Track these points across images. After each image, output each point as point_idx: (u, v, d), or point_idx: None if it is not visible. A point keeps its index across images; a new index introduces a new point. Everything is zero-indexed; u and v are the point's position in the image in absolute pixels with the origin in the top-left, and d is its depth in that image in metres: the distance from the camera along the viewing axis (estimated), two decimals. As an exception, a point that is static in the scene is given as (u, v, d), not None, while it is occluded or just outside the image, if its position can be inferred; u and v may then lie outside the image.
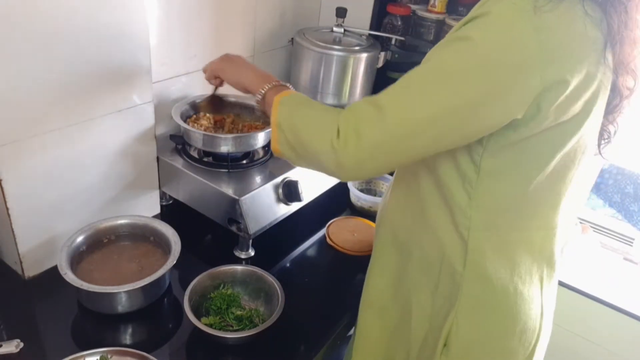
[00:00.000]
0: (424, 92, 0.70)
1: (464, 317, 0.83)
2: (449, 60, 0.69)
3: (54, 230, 1.05)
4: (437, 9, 1.58)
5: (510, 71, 0.66)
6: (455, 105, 0.69)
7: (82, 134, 1.02)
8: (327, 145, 0.74)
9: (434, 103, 0.69)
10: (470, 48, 0.67)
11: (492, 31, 0.67)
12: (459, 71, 0.68)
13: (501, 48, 0.66)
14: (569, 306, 1.63)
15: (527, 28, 0.64)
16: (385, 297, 0.94)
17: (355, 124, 0.72)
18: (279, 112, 0.82)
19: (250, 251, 1.19)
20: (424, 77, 0.71)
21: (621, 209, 1.95)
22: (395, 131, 0.71)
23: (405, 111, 0.71)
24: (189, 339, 0.96)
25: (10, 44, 0.85)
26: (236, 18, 1.39)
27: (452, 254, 0.82)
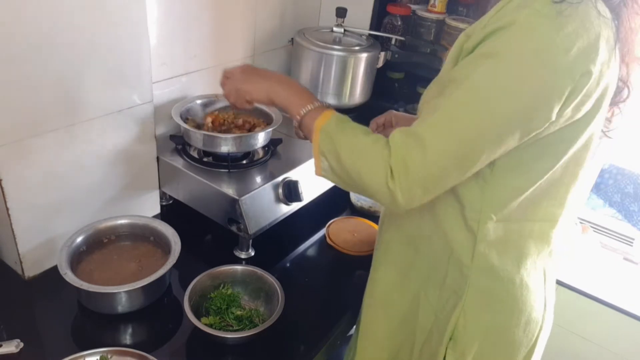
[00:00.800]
0: (461, 118, 0.70)
1: (471, 309, 0.84)
2: (481, 81, 0.69)
3: (54, 230, 1.05)
4: (437, 9, 1.58)
5: (544, 80, 0.67)
6: (494, 126, 0.69)
7: (82, 134, 1.02)
8: (382, 185, 0.74)
9: (473, 128, 0.69)
10: (501, 64, 0.68)
11: (520, 43, 0.67)
12: (494, 91, 0.68)
13: (531, 59, 0.66)
14: (569, 306, 1.63)
15: (554, 35, 0.65)
16: (392, 291, 0.94)
17: (405, 162, 0.72)
18: (321, 140, 0.81)
19: (250, 251, 1.19)
20: (459, 102, 0.71)
21: (621, 209, 1.95)
22: (440, 161, 0.71)
23: (445, 140, 0.71)
24: (189, 339, 0.96)
25: (10, 44, 0.85)
26: (236, 18, 1.39)
27: (460, 248, 0.83)
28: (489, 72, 0.68)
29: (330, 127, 0.81)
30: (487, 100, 0.69)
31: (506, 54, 0.67)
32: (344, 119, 0.83)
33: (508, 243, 0.82)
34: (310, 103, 0.86)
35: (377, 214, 1.39)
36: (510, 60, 0.67)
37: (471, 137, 0.70)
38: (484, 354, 0.87)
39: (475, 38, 0.72)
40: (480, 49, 0.71)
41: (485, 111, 0.69)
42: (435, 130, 0.72)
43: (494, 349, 0.87)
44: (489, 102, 0.68)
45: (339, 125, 0.81)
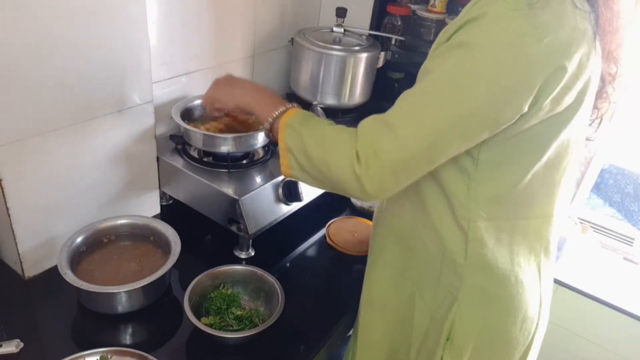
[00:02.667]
0: (432, 104, 0.70)
1: (467, 309, 0.84)
2: (452, 70, 0.69)
3: (54, 230, 1.05)
4: (437, 9, 1.58)
5: (516, 71, 0.67)
6: (465, 114, 0.69)
7: (82, 134, 1.02)
8: (349, 172, 0.74)
9: (444, 115, 0.70)
10: (472, 54, 0.68)
11: (491, 33, 0.67)
12: (465, 79, 0.68)
13: (503, 49, 0.66)
14: (569, 306, 1.63)
15: (525, 25, 0.65)
16: (388, 292, 0.94)
17: (373, 147, 0.72)
18: (286, 135, 0.81)
19: (250, 251, 1.19)
20: (430, 90, 0.71)
21: (621, 209, 1.95)
22: (411, 148, 0.71)
23: (416, 127, 0.71)
24: (189, 339, 0.96)
25: (10, 44, 0.85)
26: (236, 18, 1.39)
27: (453, 247, 0.82)
28: (459, 61, 0.69)
29: (295, 122, 0.81)
30: (456, 89, 0.69)
31: (477, 43, 0.68)
32: (309, 114, 0.84)
33: (501, 241, 0.81)
34: (282, 106, 0.86)
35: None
36: (480, 50, 0.67)
37: (440, 125, 0.70)
38: (481, 354, 0.87)
39: (449, 30, 0.73)
40: (453, 40, 0.71)
41: (454, 100, 0.69)
42: (406, 117, 0.72)
43: (492, 348, 0.87)
44: (458, 91, 0.69)
45: (304, 120, 0.82)
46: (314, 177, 0.80)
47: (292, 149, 0.80)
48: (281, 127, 0.82)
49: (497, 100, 0.68)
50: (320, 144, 0.78)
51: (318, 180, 0.81)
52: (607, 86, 0.79)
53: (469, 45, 0.68)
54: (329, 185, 0.81)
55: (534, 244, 0.84)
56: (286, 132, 0.81)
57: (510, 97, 0.68)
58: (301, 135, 0.80)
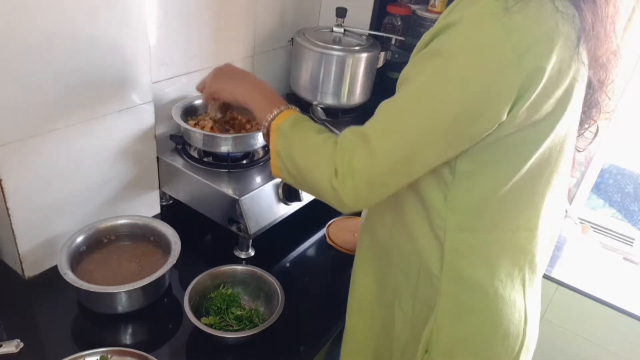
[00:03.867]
0: (407, 116, 0.69)
1: (444, 321, 0.81)
2: (426, 80, 0.68)
3: (54, 230, 1.05)
4: (437, 9, 1.58)
5: (491, 78, 0.65)
6: (441, 125, 0.67)
7: (82, 134, 1.02)
8: (327, 184, 0.74)
9: (419, 127, 0.68)
10: (447, 62, 0.66)
11: (465, 40, 0.66)
12: (439, 89, 0.67)
13: (477, 56, 0.65)
14: (569, 306, 1.63)
15: (499, 31, 0.64)
16: (370, 301, 0.93)
17: (349, 161, 0.72)
18: (277, 139, 0.81)
19: (250, 251, 1.19)
20: (405, 102, 0.70)
21: (621, 209, 1.95)
22: (386, 162, 0.70)
23: (391, 140, 0.70)
24: (189, 339, 0.96)
25: (10, 45, 0.85)
26: (236, 18, 1.39)
27: (429, 257, 0.80)
28: (435, 70, 0.67)
29: (286, 127, 0.81)
30: (432, 99, 0.67)
31: (451, 51, 0.66)
32: (301, 119, 0.84)
33: (480, 253, 0.79)
34: (277, 107, 0.86)
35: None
36: (455, 58, 0.66)
37: (416, 137, 0.68)
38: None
39: (428, 35, 0.72)
40: (430, 47, 0.69)
41: (430, 111, 0.67)
42: (381, 130, 0.71)
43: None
44: (435, 102, 0.67)
45: (294, 125, 0.82)
46: (298, 182, 0.81)
47: (281, 152, 0.81)
48: (273, 129, 0.83)
49: (474, 109, 0.66)
50: (305, 152, 0.78)
51: (302, 186, 0.82)
52: (598, 94, 0.76)
53: (444, 54, 0.67)
54: (311, 192, 0.81)
55: (518, 258, 0.80)
56: (277, 135, 0.82)
57: (487, 106, 0.66)
58: (289, 140, 0.80)
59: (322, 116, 1.47)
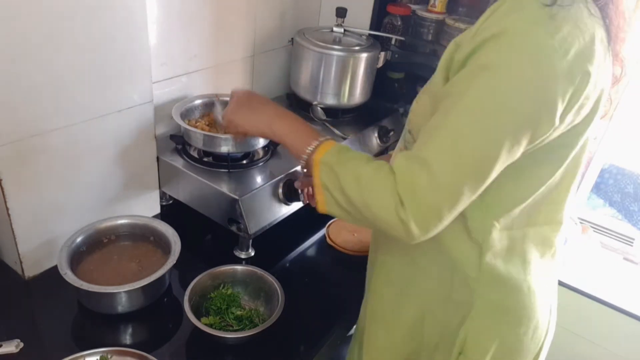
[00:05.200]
0: (465, 134, 0.68)
1: (481, 322, 0.83)
2: (481, 96, 0.67)
3: (54, 230, 1.05)
4: (437, 9, 1.58)
5: (545, 88, 0.65)
6: (501, 139, 0.67)
7: (82, 134, 1.02)
8: (393, 217, 0.70)
9: (479, 143, 0.67)
10: (499, 76, 0.65)
11: (516, 52, 0.65)
12: (495, 104, 0.66)
13: (530, 68, 0.65)
14: (569, 306, 1.63)
15: (549, 40, 0.64)
16: (392, 309, 0.92)
17: (412, 190, 0.69)
18: (322, 173, 0.78)
19: (250, 251, 1.19)
20: (459, 119, 0.68)
21: (621, 209, 1.95)
22: (450, 184, 0.68)
23: (452, 161, 0.68)
24: (189, 339, 0.96)
25: (10, 45, 0.85)
26: (236, 18, 1.39)
27: (465, 261, 0.81)
28: (487, 85, 0.66)
29: (330, 158, 0.78)
30: (489, 115, 0.66)
31: (502, 64, 0.65)
32: (344, 148, 0.80)
33: (513, 250, 0.80)
34: (313, 139, 0.82)
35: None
36: (508, 71, 0.65)
37: (478, 155, 0.68)
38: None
39: (466, 49, 0.70)
40: (474, 61, 0.68)
41: (489, 127, 0.67)
42: (440, 152, 0.69)
43: (503, 358, 0.86)
44: (492, 118, 0.66)
45: (339, 155, 0.78)
46: (352, 215, 0.77)
47: (328, 186, 0.77)
48: (315, 163, 0.79)
49: (531, 121, 0.66)
50: (359, 185, 0.74)
51: (355, 218, 0.78)
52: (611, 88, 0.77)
53: (494, 67, 0.66)
54: (367, 224, 0.78)
55: (544, 251, 0.83)
56: (321, 168, 0.78)
57: (542, 115, 0.66)
58: (337, 173, 0.76)
59: (322, 116, 1.47)
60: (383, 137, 1.55)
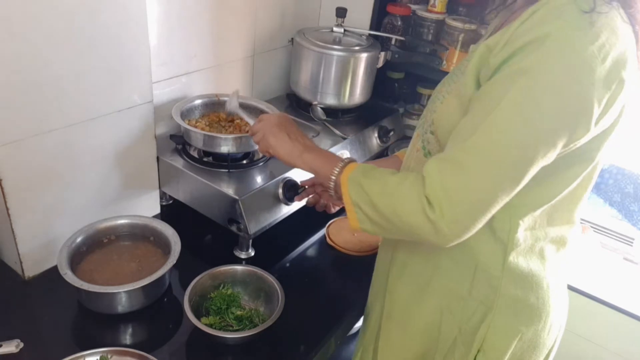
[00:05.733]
0: (501, 134, 0.68)
1: (502, 319, 0.83)
2: (520, 99, 0.67)
3: (54, 230, 1.05)
4: (437, 9, 1.58)
5: (584, 95, 0.66)
6: (537, 144, 0.67)
7: (82, 134, 1.02)
8: (421, 217, 0.71)
9: (517, 148, 0.68)
10: (539, 81, 0.66)
11: (557, 58, 0.65)
12: (534, 109, 0.66)
13: (570, 74, 0.65)
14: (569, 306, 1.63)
15: (589, 47, 0.64)
16: (410, 307, 0.92)
17: (443, 187, 0.69)
18: (350, 189, 0.80)
19: (250, 251, 1.19)
20: (496, 119, 0.68)
21: (621, 209, 1.95)
22: (484, 185, 0.69)
23: (487, 159, 0.68)
24: (189, 339, 0.96)
25: (10, 45, 0.85)
26: (236, 18, 1.39)
27: (489, 260, 0.82)
28: (527, 89, 0.66)
29: (357, 175, 0.80)
30: (527, 119, 0.67)
31: (542, 69, 0.65)
32: (368, 166, 0.83)
33: (534, 249, 0.82)
34: (339, 161, 0.86)
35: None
36: (547, 76, 0.65)
37: (515, 159, 0.68)
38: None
39: (503, 53, 0.70)
40: (513, 65, 0.68)
41: (527, 131, 0.67)
42: (476, 154, 0.69)
43: (521, 354, 0.87)
44: (530, 122, 0.67)
45: (365, 172, 0.80)
46: (384, 227, 0.78)
47: (358, 202, 0.78)
48: (343, 182, 0.81)
49: (568, 126, 0.67)
50: (387, 194, 0.75)
51: (389, 230, 0.79)
52: None
53: (533, 72, 0.66)
54: (400, 234, 0.78)
55: (560, 249, 0.85)
56: (349, 186, 0.80)
57: (579, 121, 0.67)
58: (365, 188, 0.78)
59: (322, 116, 1.47)
60: (383, 137, 1.55)
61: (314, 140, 1.06)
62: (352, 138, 1.43)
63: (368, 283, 1.06)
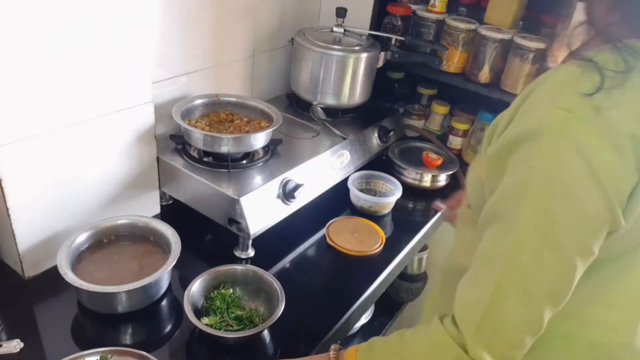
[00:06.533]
0: (531, 265, 0.62)
1: None
2: (533, 218, 0.61)
3: (54, 230, 1.05)
4: (437, 9, 1.58)
5: (605, 195, 0.58)
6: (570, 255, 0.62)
7: (82, 134, 1.02)
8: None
9: (549, 270, 0.62)
10: (546, 194, 0.59)
11: (559, 162, 0.58)
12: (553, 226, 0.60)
13: (581, 180, 0.58)
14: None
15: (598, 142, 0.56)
16: None
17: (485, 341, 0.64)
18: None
19: (250, 251, 1.19)
20: (520, 250, 0.62)
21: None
22: (529, 320, 0.64)
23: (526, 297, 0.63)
24: (189, 339, 0.96)
25: (10, 45, 0.85)
26: (236, 18, 1.39)
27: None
28: (538, 206, 0.60)
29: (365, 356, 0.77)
30: (549, 239, 0.61)
31: (548, 178, 0.59)
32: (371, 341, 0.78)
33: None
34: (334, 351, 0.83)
35: (377, 214, 1.39)
36: (553, 188, 0.59)
37: (552, 280, 0.63)
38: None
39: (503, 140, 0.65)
40: (513, 171, 0.63)
41: (554, 249, 0.61)
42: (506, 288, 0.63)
43: None
44: (553, 241, 0.60)
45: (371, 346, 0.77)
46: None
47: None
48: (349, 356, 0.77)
49: (596, 227, 0.61)
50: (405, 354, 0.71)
51: None
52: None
53: (538, 185, 0.60)
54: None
55: None
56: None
57: (606, 219, 0.60)
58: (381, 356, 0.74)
59: (322, 116, 1.47)
60: (383, 137, 1.55)
61: (313, 140, 1.06)
62: (352, 138, 1.43)
63: (368, 283, 1.06)
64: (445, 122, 1.77)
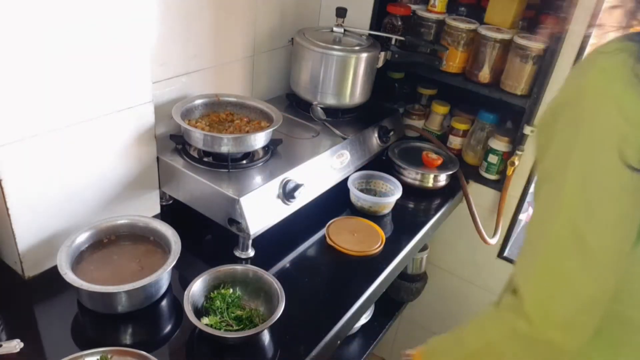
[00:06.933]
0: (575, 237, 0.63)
1: None
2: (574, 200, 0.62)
3: (54, 230, 1.05)
4: (437, 9, 1.58)
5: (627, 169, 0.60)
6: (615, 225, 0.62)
7: (82, 134, 1.02)
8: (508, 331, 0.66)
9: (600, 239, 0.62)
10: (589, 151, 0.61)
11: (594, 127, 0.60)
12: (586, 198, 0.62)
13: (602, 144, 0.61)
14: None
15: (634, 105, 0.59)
16: None
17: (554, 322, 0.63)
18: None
19: (250, 251, 1.19)
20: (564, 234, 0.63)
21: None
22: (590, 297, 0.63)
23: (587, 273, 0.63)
24: (189, 339, 0.96)
25: (10, 44, 0.85)
26: (236, 18, 1.39)
27: None
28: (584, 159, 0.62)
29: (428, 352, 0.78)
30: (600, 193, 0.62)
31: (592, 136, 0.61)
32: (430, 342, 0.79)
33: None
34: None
35: (377, 214, 1.39)
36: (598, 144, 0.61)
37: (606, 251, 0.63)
38: None
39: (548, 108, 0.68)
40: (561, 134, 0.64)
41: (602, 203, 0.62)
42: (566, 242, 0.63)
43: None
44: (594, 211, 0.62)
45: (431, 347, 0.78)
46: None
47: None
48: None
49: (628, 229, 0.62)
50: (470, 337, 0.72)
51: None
52: None
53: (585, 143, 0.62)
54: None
55: None
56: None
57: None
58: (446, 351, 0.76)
59: (322, 116, 1.47)
60: (383, 137, 1.55)
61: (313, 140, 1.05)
62: (352, 138, 1.43)
63: (368, 283, 1.06)
64: (445, 122, 1.77)
